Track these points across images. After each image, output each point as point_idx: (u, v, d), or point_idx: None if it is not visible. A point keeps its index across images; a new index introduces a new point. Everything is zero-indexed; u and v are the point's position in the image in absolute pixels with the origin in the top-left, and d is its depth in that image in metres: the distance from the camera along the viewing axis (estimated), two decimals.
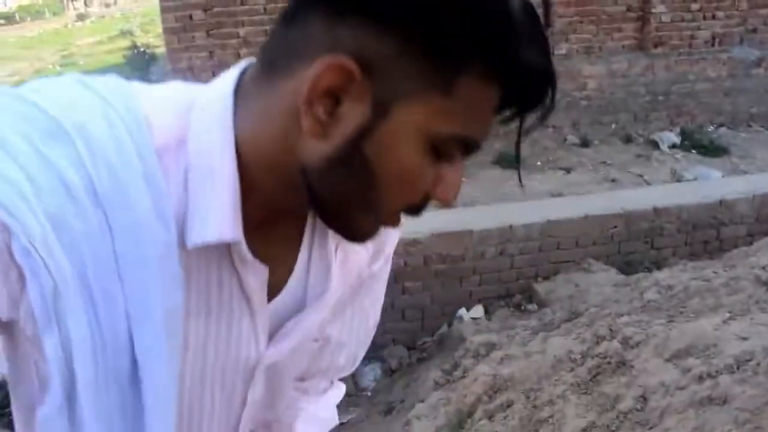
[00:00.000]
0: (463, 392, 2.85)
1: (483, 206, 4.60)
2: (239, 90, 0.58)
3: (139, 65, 8.97)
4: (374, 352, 3.94)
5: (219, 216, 0.56)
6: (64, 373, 0.54)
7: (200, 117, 0.57)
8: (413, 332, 4.19)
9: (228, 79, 0.59)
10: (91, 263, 0.52)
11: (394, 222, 0.61)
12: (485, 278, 4.21)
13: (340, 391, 0.95)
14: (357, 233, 0.62)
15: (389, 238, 0.78)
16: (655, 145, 6.21)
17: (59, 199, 0.51)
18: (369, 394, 3.82)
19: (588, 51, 6.41)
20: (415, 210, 0.60)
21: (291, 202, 0.62)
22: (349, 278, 0.74)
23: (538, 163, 5.67)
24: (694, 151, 6.10)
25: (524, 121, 0.58)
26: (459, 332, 3.79)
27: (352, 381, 3.77)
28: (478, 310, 4.19)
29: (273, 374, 0.74)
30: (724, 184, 5.03)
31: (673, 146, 6.19)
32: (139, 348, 0.56)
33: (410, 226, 4.02)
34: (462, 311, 4.17)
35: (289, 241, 0.69)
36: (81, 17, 31.42)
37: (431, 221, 4.02)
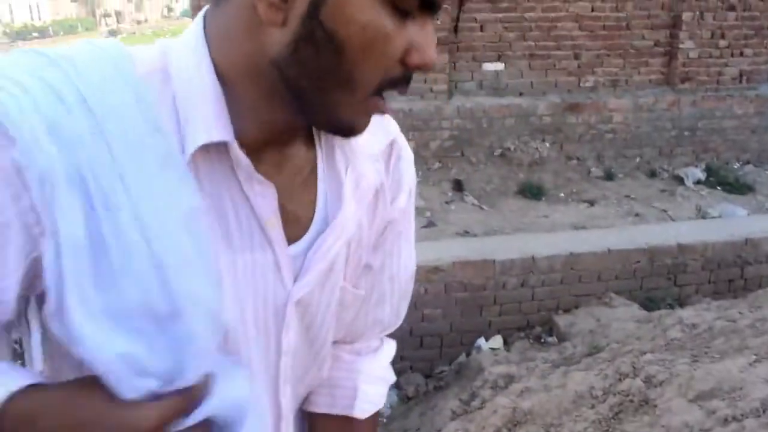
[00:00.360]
0: (481, 424, 2.82)
1: (506, 236, 4.59)
2: (206, 25, 0.62)
3: None
4: None
5: (206, 120, 0.59)
6: (56, 275, 0.53)
7: (177, 51, 0.62)
8: (431, 360, 4.18)
9: (195, 21, 0.63)
10: (87, 166, 0.54)
11: (378, 104, 0.61)
12: (506, 308, 4.19)
13: (391, 348, 0.93)
14: (346, 122, 0.62)
15: (406, 171, 0.79)
16: (680, 180, 6.17)
17: (53, 106, 0.53)
18: (384, 420, 3.80)
19: (614, 84, 6.42)
20: (397, 83, 0.60)
21: (280, 115, 0.62)
22: (365, 198, 0.73)
23: (562, 194, 5.66)
24: (719, 188, 6.06)
25: None
26: (477, 362, 3.77)
27: None
28: (497, 341, 4.17)
29: (306, 317, 0.73)
30: (749, 222, 4.98)
31: (698, 182, 6.15)
32: (160, 250, 0.55)
33: (432, 254, 4.03)
34: (481, 341, 4.15)
35: (304, 178, 0.70)
36: (113, 33, 32.12)
37: (453, 249, 4.02)
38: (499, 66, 6.17)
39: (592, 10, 6.25)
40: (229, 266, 0.64)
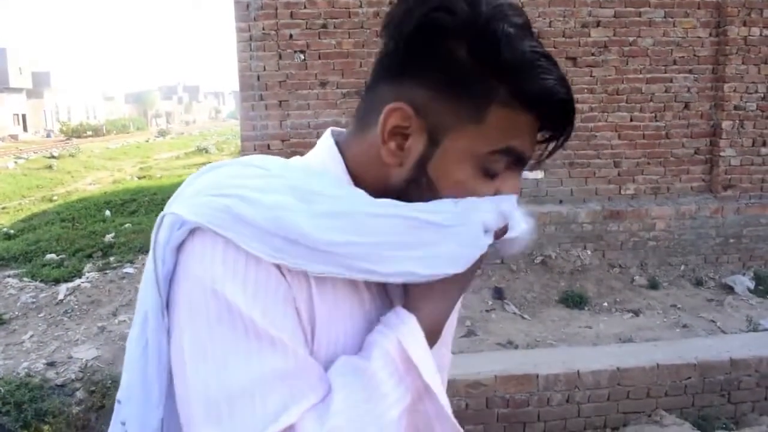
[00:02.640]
0: None
1: (549, 348, 4.48)
2: (338, 143, 0.81)
3: None
4: None
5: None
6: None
7: (315, 160, 0.81)
8: None
9: (325, 138, 0.82)
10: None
11: None
12: (550, 426, 4.02)
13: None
14: None
15: None
16: (728, 289, 6.00)
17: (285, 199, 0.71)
18: None
19: (655, 192, 6.41)
20: None
21: None
22: None
23: (605, 303, 5.54)
24: None
25: (556, 142, 0.75)
26: None
27: None
28: None
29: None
30: None
31: (747, 290, 5.97)
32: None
33: (473, 367, 3.93)
34: None
35: None
36: (162, 133, 33.64)
37: (495, 362, 3.92)
38: (539, 174, 6.24)
39: (631, 120, 6.35)
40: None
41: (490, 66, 0.68)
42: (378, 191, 0.75)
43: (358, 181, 0.77)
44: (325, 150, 0.81)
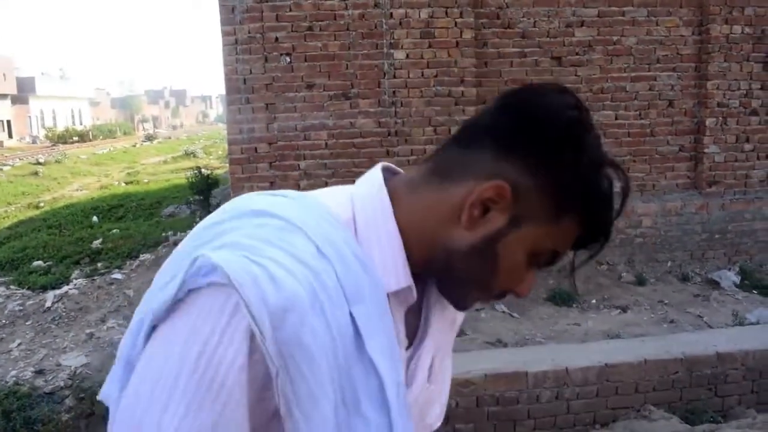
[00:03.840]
0: None
1: (537, 346, 4.50)
2: (390, 183, 0.82)
3: (201, 187, 9.35)
4: None
5: (396, 270, 0.79)
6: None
7: (362, 203, 0.81)
8: None
9: (375, 177, 0.83)
10: (326, 295, 0.71)
11: (487, 301, 0.88)
12: (540, 423, 4.04)
13: None
14: (464, 303, 0.85)
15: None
16: (714, 284, 6.07)
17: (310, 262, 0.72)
18: None
19: (641, 189, 6.47)
20: (500, 296, 0.84)
21: (426, 269, 0.82)
22: (446, 324, 0.93)
23: (593, 300, 5.58)
24: (755, 292, 5.93)
25: (594, 250, 0.83)
26: None
27: None
28: None
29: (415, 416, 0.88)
30: None
31: (733, 285, 6.03)
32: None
33: (463, 366, 3.95)
34: None
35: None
36: (149, 138, 33.46)
37: (484, 361, 3.94)
38: None
39: (616, 118, 6.41)
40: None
41: (586, 192, 0.77)
42: (423, 243, 0.79)
43: (403, 229, 0.79)
44: (373, 196, 0.81)
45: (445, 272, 0.81)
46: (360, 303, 0.74)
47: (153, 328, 0.73)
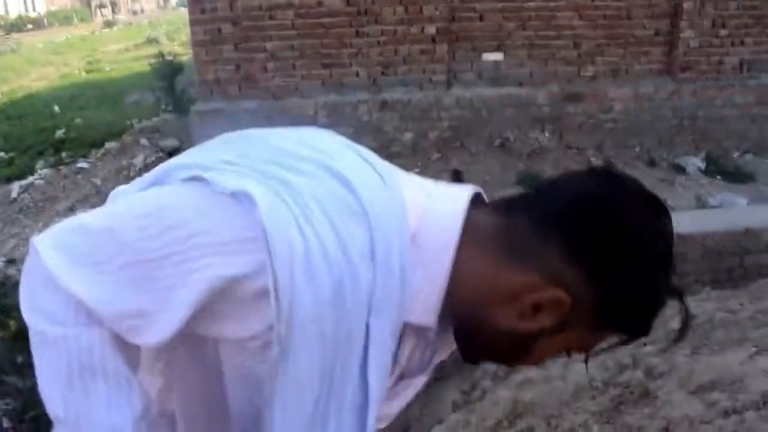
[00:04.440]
0: (482, 415, 2.83)
1: None
2: (469, 224, 0.76)
3: (165, 74, 9.04)
4: None
5: (428, 308, 0.75)
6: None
7: (432, 224, 0.75)
8: None
9: (460, 202, 0.77)
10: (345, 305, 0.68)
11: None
12: None
13: None
14: (475, 362, 0.85)
15: None
16: (680, 169, 6.16)
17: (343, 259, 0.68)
18: None
19: (614, 74, 6.40)
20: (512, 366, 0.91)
21: (454, 317, 0.80)
22: (432, 364, 0.91)
23: None
24: (719, 177, 6.05)
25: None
26: None
27: None
28: None
29: None
30: (749, 212, 4.97)
31: (698, 171, 6.14)
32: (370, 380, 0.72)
33: None
34: None
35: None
36: (108, 24, 31.90)
37: None
38: (498, 56, 6.14)
39: (593, 0, 6.22)
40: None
41: (640, 319, 0.78)
42: (465, 300, 0.76)
43: (454, 275, 0.75)
44: (447, 225, 0.76)
45: (472, 333, 0.79)
46: (380, 317, 0.70)
47: (194, 178, 0.71)
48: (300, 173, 0.70)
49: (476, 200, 0.79)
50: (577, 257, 0.72)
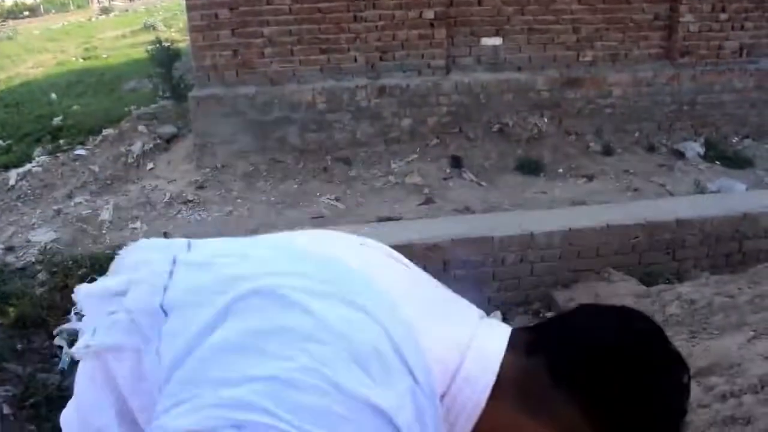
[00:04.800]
0: None
1: (504, 212, 4.58)
2: (505, 371, 0.75)
3: (162, 60, 8.99)
4: None
5: None
6: None
7: (474, 363, 0.75)
8: None
9: (501, 338, 0.78)
10: None
11: None
12: (505, 285, 4.20)
13: None
14: None
15: None
16: (679, 155, 6.15)
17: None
18: None
19: (614, 59, 6.37)
20: None
21: None
22: None
23: (560, 170, 5.64)
24: (718, 163, 6.04)
25: None
26: None
27: None
28: (496, 316, 4.18)
29: None
30: (748, 197, 4.97)
31: (697, 156, 6.13)
32: None
33: (431, 232, 4.02)
34: None
35: None
36: (105, 11, 31.66)
37: (452, 227, 4.00)
38: (497, 41, 6.10)
39: None
40: None
41: None
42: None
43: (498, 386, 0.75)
44: (486, 367, 0.76)
45: None
46: None
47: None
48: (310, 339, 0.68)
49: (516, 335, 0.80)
50: (598, 415, 0.72)
